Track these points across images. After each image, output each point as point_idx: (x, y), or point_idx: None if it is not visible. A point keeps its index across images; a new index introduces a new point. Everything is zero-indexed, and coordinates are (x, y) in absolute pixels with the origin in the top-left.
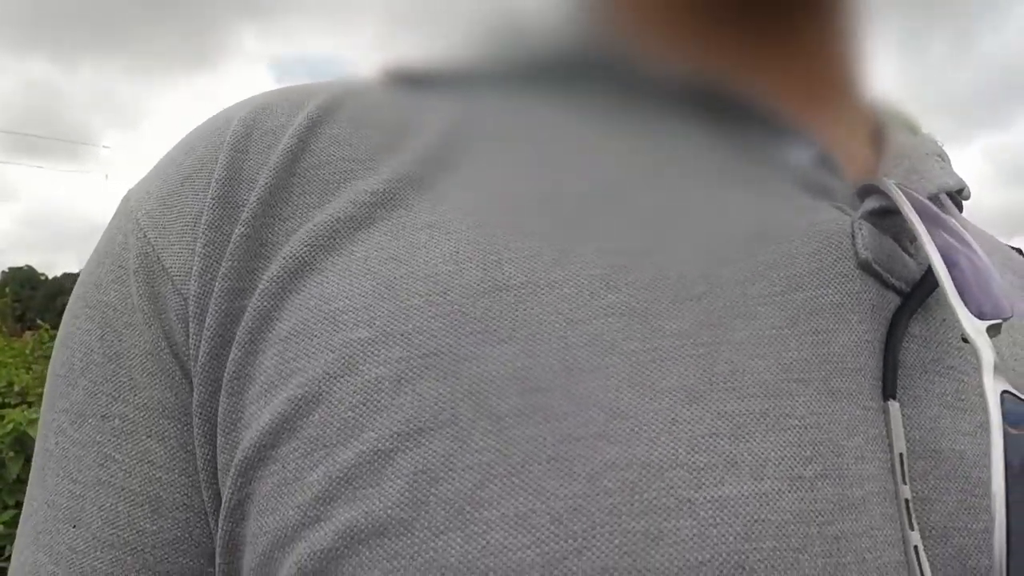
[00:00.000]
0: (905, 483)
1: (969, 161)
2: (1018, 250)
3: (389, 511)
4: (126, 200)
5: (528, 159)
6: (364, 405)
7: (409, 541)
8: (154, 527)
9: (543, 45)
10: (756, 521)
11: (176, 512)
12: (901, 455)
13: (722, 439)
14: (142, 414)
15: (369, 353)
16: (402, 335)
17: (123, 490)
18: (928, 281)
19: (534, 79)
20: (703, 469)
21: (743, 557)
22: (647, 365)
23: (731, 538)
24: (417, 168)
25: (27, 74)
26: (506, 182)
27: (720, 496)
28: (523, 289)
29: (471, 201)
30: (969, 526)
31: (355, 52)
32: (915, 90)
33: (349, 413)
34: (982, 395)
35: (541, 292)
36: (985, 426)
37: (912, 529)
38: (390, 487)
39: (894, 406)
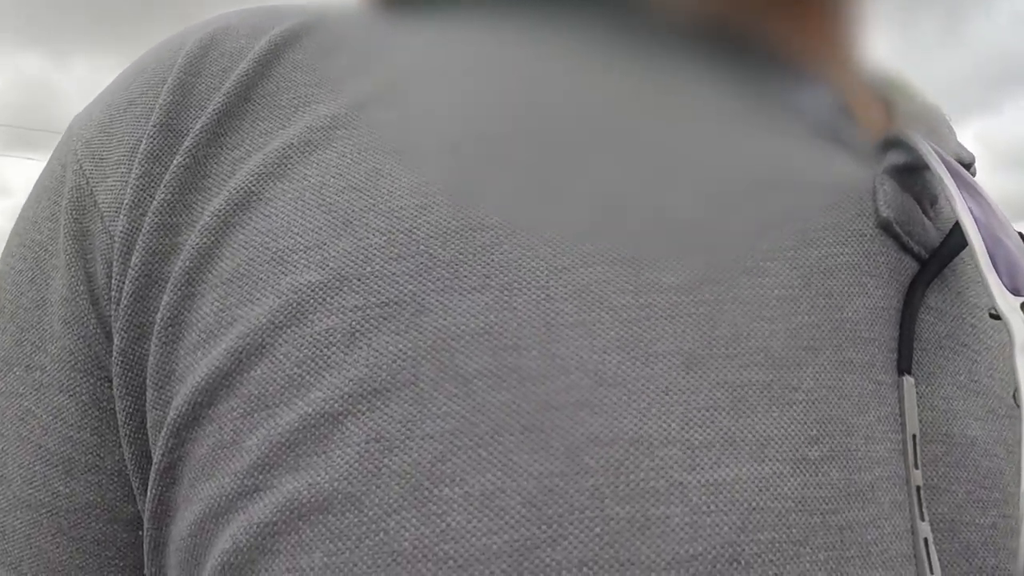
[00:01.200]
0: (917, 468)
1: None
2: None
3: (336, 483)
4: (70, 127)
5: (512, 86)
6: (312, 360)
7: (356, 519)
8: (67, 489)
9: None
10: (754, 509)
11: (87, 475)
12: (914, 436)
13: (721, 413)
14: (57, 366)
15: (319, 300)
16: (358, 279)
17: (40, 448)
18: (947, 248)
19: (531, 5)
20: (699, 448)
21: (738, 550)
22: (639, 323)
23: (726, 528)
24: (385, 89)
25: (21, 68)
26: (485, 108)
27: (716, 479)
28: (500, 230)
29: (444, 125)
30: (977, 520)
31: None
32: (908, 75)
33: (295, 369)
34: (998, 377)
35: (520, 234)
36: (995, 411)
37: (923, 520)
38: (338, 456)
39: (908, 382)
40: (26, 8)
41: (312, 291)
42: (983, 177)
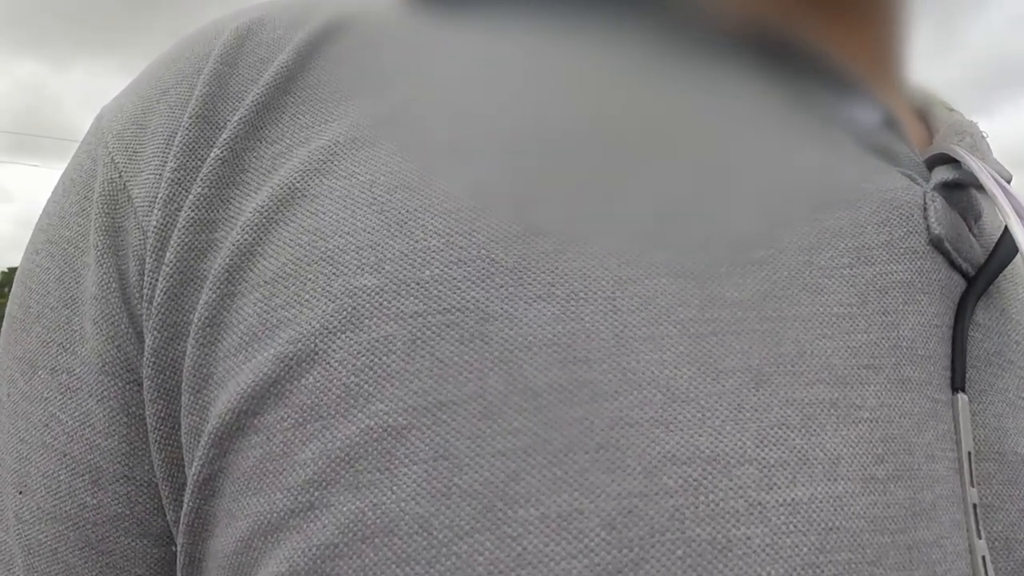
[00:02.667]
0: (973, 486)
1: None
2: None
3: (402, 504)
4: (99, 118)
5: (567, 87)
6: (371, 369)
7: (426, 542)
8: (94, 500)
9: None
10: (831, 529)
11: (116, 485)
12: (970, 454)
13: (793, 431)
14: (86, 369)
15: (377, 305)
16: (417, 284)
17: (65, 456)
18: (992, 265)
19: (578, 7)
20: (774, 466)
21: (817, 571)
22: (706, 338)
23: (805, 549)
24: (433, 88)
25: (20, 74)
26: (538, 110)
27: (793, 499)
28: (562, 236)
29: (498, 125)
30: None
31: None
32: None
33: (352, 378)
34: None
35: (584, 241)
36: None
37: (980, 537)
38: (404, 474)
39: (963, 399)
40: (24, 14)
41: (368, 295)
42: None
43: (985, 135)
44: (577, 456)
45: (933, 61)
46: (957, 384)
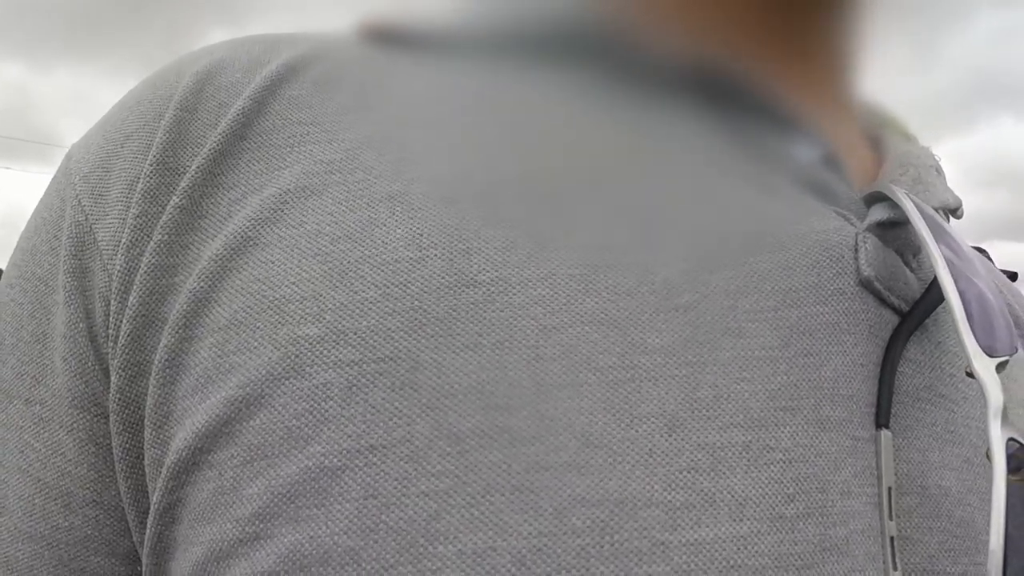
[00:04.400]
0: (891, 519)
1: None
2: (984, 251)
3: (335, 537)
4: (68, 157)
5: (506, 133)
6: (310, 413)
7: (355, 572)
8: (66, 523)
9: (535, 11)
10: (733, 567)
11: (86, 509)
12: (889, 489)
13: (701, 475)
14: (57, 402)
15: (317, 353)
16: (355, 334)
17: (39, 481)
18: (927, 300)
19: (521, 48)
20: (679, 508)
21: None
22: (624, 384)
23: None
24: (381, 131)
25: (2, 77)
26: (480, 156)
27: (696, 539)
28: (492, 287)
29: (440, 173)
30: (948, 569)
31: None
32: (883, 94)
33: (293, 421)
34: (974, 426)
35: (512, 291)
36: (970, 460)
37: (895, 569)
38: (338, 510)
39: (886, 435)
40: (6, 17)
41: (310, 344)
42: (959, 197)
43: (938, 158)
44: (494, 497)
45: (913, 76)
46: (881, 421)
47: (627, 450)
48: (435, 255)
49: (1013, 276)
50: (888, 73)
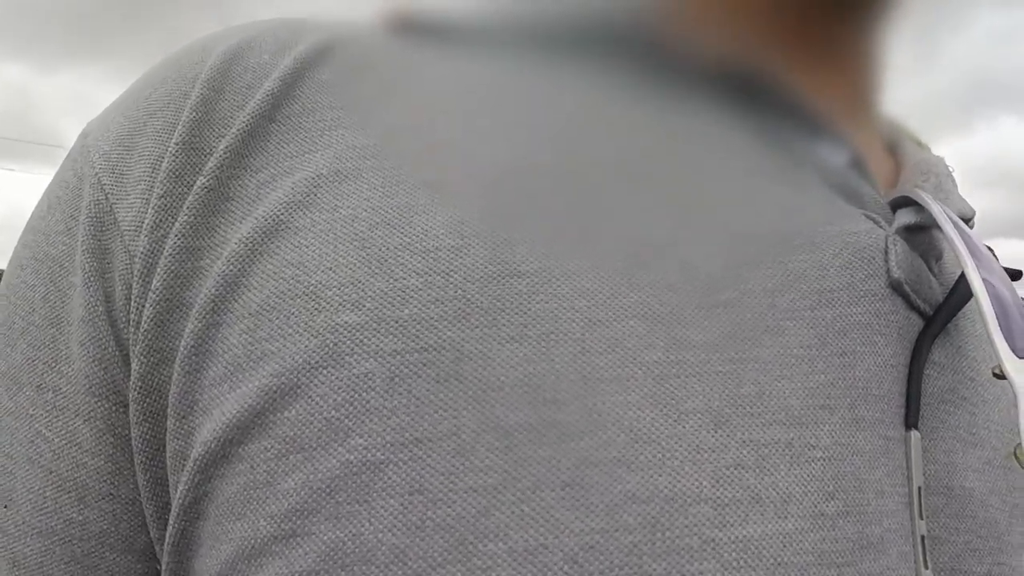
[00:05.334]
0: (922, 519)
1: None
2: (990, 249)
3: (379, 535)
4: (84, 135)
5: (544, 124)
6: (351, 404)
7: (401, 572)
8: (80, 517)
9: (566, 5)
10: (779, 564)
11: (102, 503)
12: (919, 489)
13: (747, 472)
14: (73, 389)
15: (357, 342)
16: (396, 323)
17: (51, 473)
18: (950, 304)
19: (555, 42)
20: (728, 505)
21: None
22: (670, 380)
23: None
24: (415, 119)
25: (5, 78)
26: (519, 146)
27: (744, 536)
28: (537, 277)
29: (479, 161)
30: (974, 569)
31: None
32: (891, 99)
33: (333, 412)
34: (994, 429)
35: (557, 283)
36: (991, 463)
37: (926, 568)
38: (382, 506)
39: (915, 436)
40: (10, 18)
41: (350, 332)
42: None
43: (952, 169)
44: (544, 494)
45: (913, 77)
46: (911, 422)
47: (675, 446)
48: (477, 244)
49: (1017, 274)
50: (890, 74)
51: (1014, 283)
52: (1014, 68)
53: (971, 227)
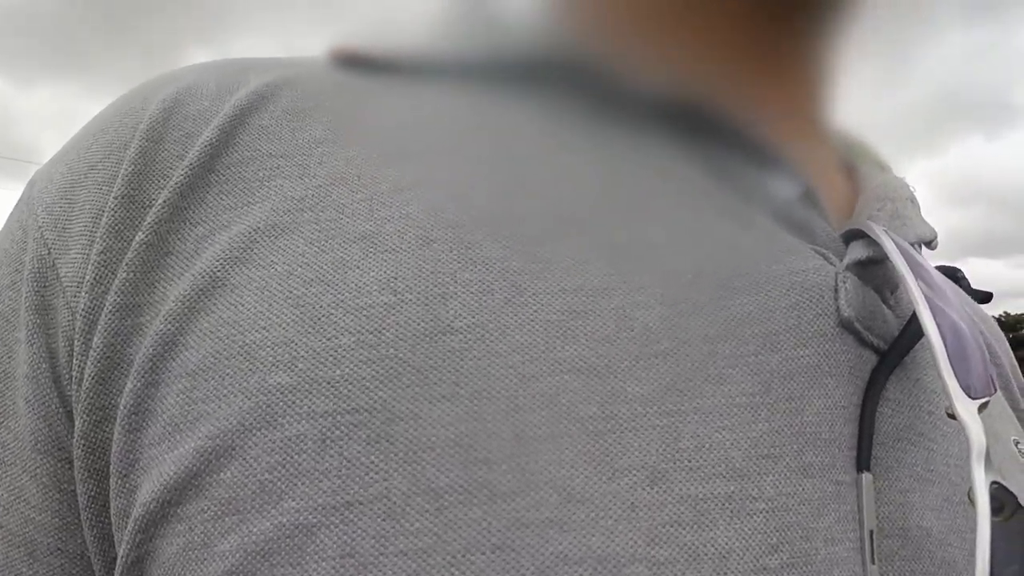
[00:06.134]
0: (874, 563)
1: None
2: (958, 270)
3: None
4: (31, 185)
5: (482, 168)
6: (283, 466)
7: None
8: (30, 571)
9: (511, 39)
10: None
11: (51, 557)
12: (871, 532)
13: (684, 528)
14: (19, 445)
15: (290, 403)
16: (328, 383)
17: (1, 528)
18: (905, 338)
19: (496, 73)
20: (664, 564)
21: None
22: (605, 435)
23: None
24: (355, 167)
25: None
26: (456, 193)
27: None
28: (470, 333)
29: (415, 210)
30: None
31: None
32: (856, 116)
33: (266, 475)
34: (953, 464)
35: (490, 338)
36: (950, 499)
37: None
38: (315, 570)
39: (867, 478)
40: None
41: (282, 393)
42: (929, 216)
43: (913, 189)
44: (475, 557)
45: (883, 95)
46: (862, 464)
47: (609, 504)
48: (410, 300)
49: (988, 297)
50: (859, 93)
51: (984, 304)
52: (983, 85)
53: (933, 247)
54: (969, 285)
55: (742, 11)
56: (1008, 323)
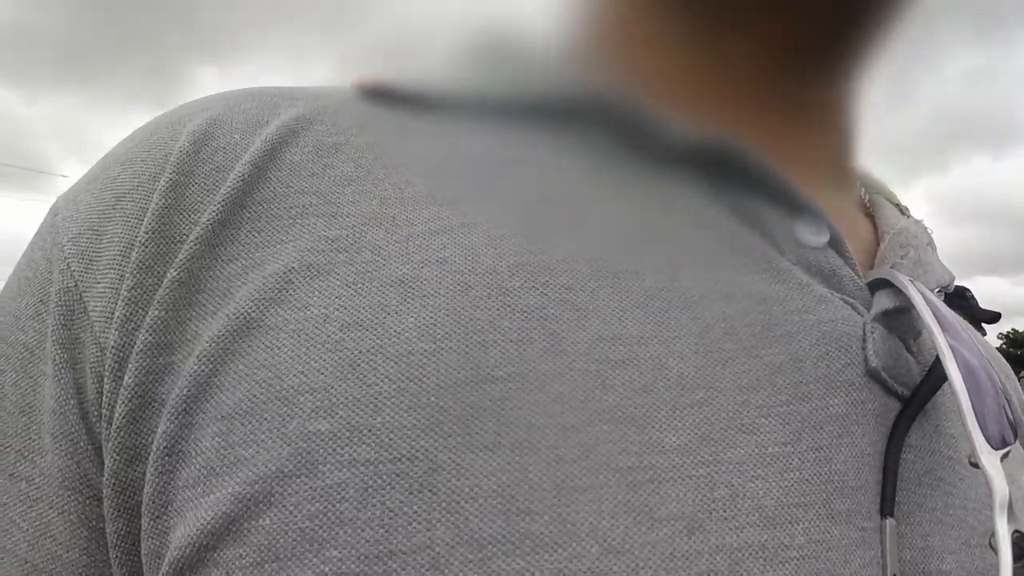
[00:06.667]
0: None
1: (912, 204)
2: (968, 290)
3: None
4: (53, 213)
5: (516, 211)
6: (324, 515)
7: None
8: None
9: (535, 77)
10: None
11: None
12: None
13: None
14: (46, 481)
15: (331, 451)
16: (369, 431)
17: (26, 563)
18: (927, 386)
19: (528, 116)
20: None
21: None
22: (644, 486)
23: None
24: (390, 208)
25: None
26: (492, 237)
27: None
28: (510, 383)
29: (453, 255)
30: None
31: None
32: (865, 139)
33: (307, 523)
34: (971, 508)
35: (531, 388)
36: (968, 543)
37: None
38: None
39: (890, 524)
40: None
41: (323, 440)
42: (934, 234)
43: (931, 231)
44: None
45: (890, 118)
46: (886, 510)
47: (648, 555)
48: (450, 347)
49: (996, 316)
50: (868, 117)
51: (993, 324)
52: (987, 105)
53: (949, 291)
54: (978, 304)
55: (765, 65)
56: (1018, 339)
